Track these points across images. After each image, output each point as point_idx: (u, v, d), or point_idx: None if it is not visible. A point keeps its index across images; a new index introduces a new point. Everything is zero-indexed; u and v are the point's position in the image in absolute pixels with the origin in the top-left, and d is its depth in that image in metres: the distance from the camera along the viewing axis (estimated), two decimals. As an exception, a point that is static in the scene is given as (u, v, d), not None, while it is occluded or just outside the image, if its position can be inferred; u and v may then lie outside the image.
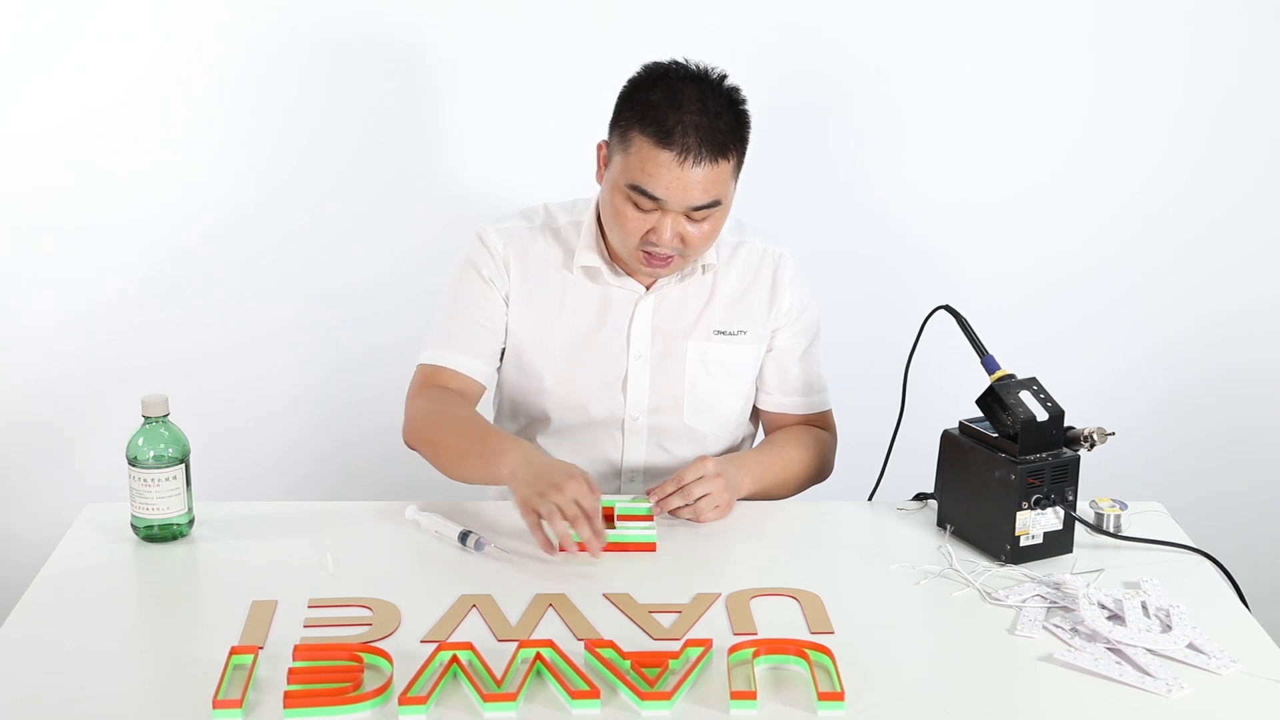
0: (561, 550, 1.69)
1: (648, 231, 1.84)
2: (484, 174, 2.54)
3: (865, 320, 2.60)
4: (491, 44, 2.48)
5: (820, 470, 2.03)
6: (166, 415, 1.75)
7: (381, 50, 2.48)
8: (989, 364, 1.77)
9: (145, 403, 1.74)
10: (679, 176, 1.79)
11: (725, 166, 1.82)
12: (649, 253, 1.86)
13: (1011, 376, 1.76)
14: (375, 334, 2.60)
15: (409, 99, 2.51)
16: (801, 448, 2.01)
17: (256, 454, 2.64)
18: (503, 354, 2.01)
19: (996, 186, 2.60)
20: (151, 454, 1.73)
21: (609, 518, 1.79)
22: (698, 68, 1.84)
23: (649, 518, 1.80)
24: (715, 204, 1.83)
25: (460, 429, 1.87)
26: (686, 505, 1.82)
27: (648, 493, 1.84)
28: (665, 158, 1.78)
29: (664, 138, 1.78)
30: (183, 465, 1.75)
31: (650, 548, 1.75)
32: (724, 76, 1.84)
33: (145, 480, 1.73)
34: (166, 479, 1.73)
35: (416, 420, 1.94)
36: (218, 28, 2.44)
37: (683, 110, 1.78)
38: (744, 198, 2.36)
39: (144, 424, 1.74)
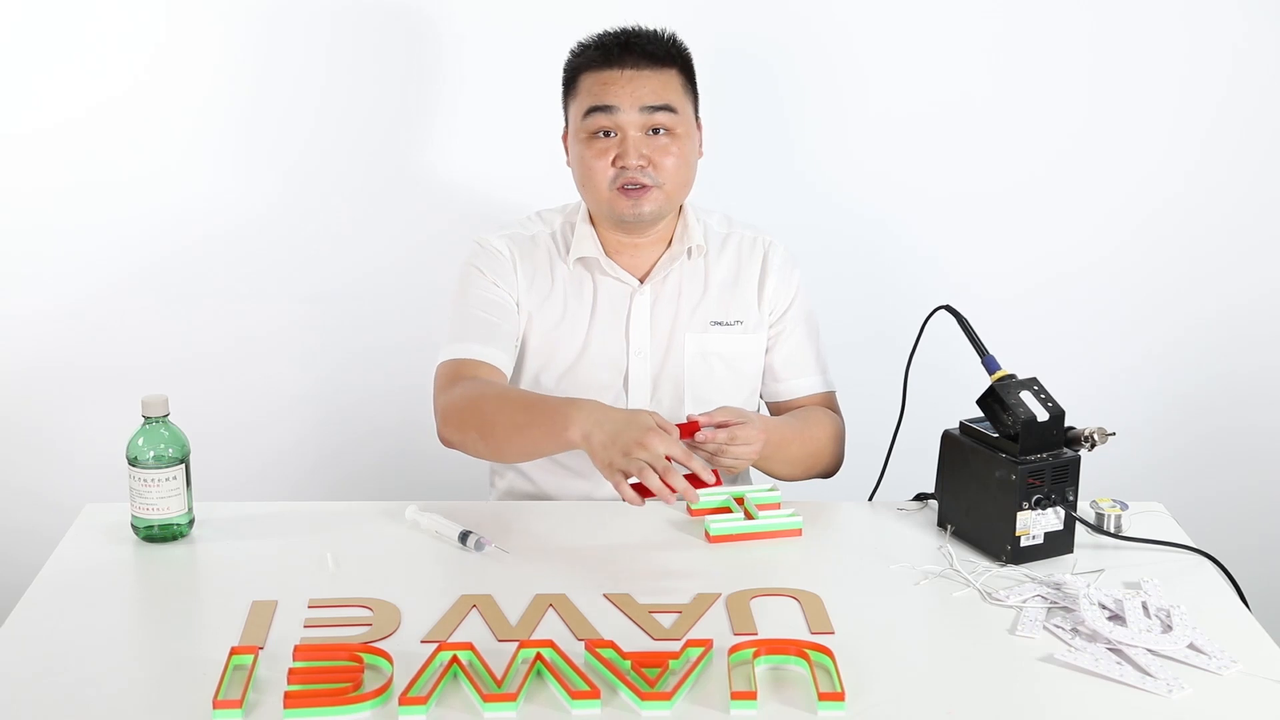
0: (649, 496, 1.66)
1: (615, 160, 1.91)
2: (483, 174, 2.54)
3: (865, 320, 2.60)
4: (491, 44, 2.49)
5: (836, 446, 2.04)
6: (166, 415, 1.75)
7: (381, 49, 2.48)
8: (989, 364, 1.77)
9: (145, 403, 1.74)
10: (627, 84, 1.91)
11: (669, 75, 1.94)
12: (623, 187, 1.91)
13: (1012, 376, 1.76)
14: (375, 334, 2.60)
15: (408, 99, 2.51)
16: (821, 414, 2.04)
17: (256, 454, 2.64)
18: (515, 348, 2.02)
19: (996, 187, 2.60)
20: (151, 454, 1.73)
21: (733, 505, 1.85)
22: (631, 26, 1.97)
23: (778, 505, 1.85)
24: (668, 108, 1.92)
25: (509, 404, 1.84)
26: (717, 444, 1.82)
27: (693, 435, 1.81)
28: (611, 74, 1.92)
29: (606, 60, 1.93)
30: (183, 465, 1.75)
31: (796, 533, 1.79)
32: (662, 29, 1.97)
33: (145, 480, 1.73)
34: (166, 479, 1.73)
35: (454, 410, 1.88)
36: (217, 29, 2.44)
37: (619, 40, 1.94)
38: (742, 198, 2.38)
39: (144, 424, 1.74)
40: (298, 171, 2.53)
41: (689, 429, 1.81)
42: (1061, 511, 1.73)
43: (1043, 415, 1.72)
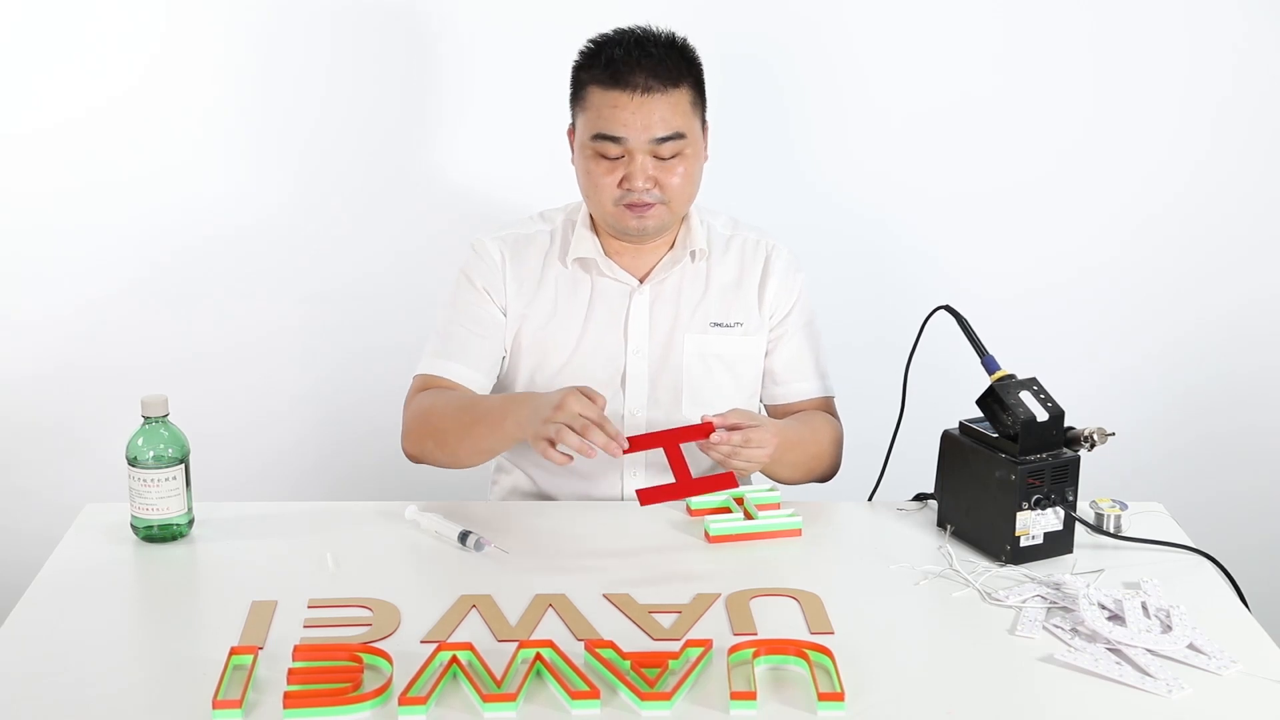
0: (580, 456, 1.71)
1: (621, 181, 1.89)
2: (484, 174, 2.54)
3: (865, 320, 2.60)
4: (492, 44, 2.49)
5: (836, 450, 2.03)
6: (166, 415, 1.75)
7: (381, 50, 2.48)
8: (989, 364, 1.77)
9: (145, 403, 1.74)
10: (636, 110, 1.86)
11: (679, 96, 1.89)
12: (629, 204, 1.91)
13: (1012, 377, 1.76)
14: (375, 334, 2.60)
15: (409, 99, 2.51)
16: (822, 418, 2.03)
17: (256, 454, 2.64)
18: (503, 359, 2.02)
19: (997, 187, 2.60)
20: (151, 454, 1.73)
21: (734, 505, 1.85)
22: (640, 28, 1.92)
23: (778, 505, 1.84)
24: (678, 136, 1.88)
25: (456, 410, 1.91)
26: (730, 446, 1.79)
27: (708, 435, 1.78)
28: (620, 97, 1.87)
29: (615, 79, 1.87)
30: (182, 465, 1.75)
31: (796, 533, 1.79)
32: (671, 34, 1.92)
33: (145, 480, 1.73)
34: (166, 479, 1.73)
35: (413, 422, 1.96)
36: (217, 29, 2.44)
37: (629, 54, 1.87)
38: (742, 198, 2.37)
39: (144, 424, 1.74)
40: (298, 172, 2.53)
41: (704, 430, 1.79)
42: (1061, 511, 1.73)
43: (1042, 415, 1.72)
